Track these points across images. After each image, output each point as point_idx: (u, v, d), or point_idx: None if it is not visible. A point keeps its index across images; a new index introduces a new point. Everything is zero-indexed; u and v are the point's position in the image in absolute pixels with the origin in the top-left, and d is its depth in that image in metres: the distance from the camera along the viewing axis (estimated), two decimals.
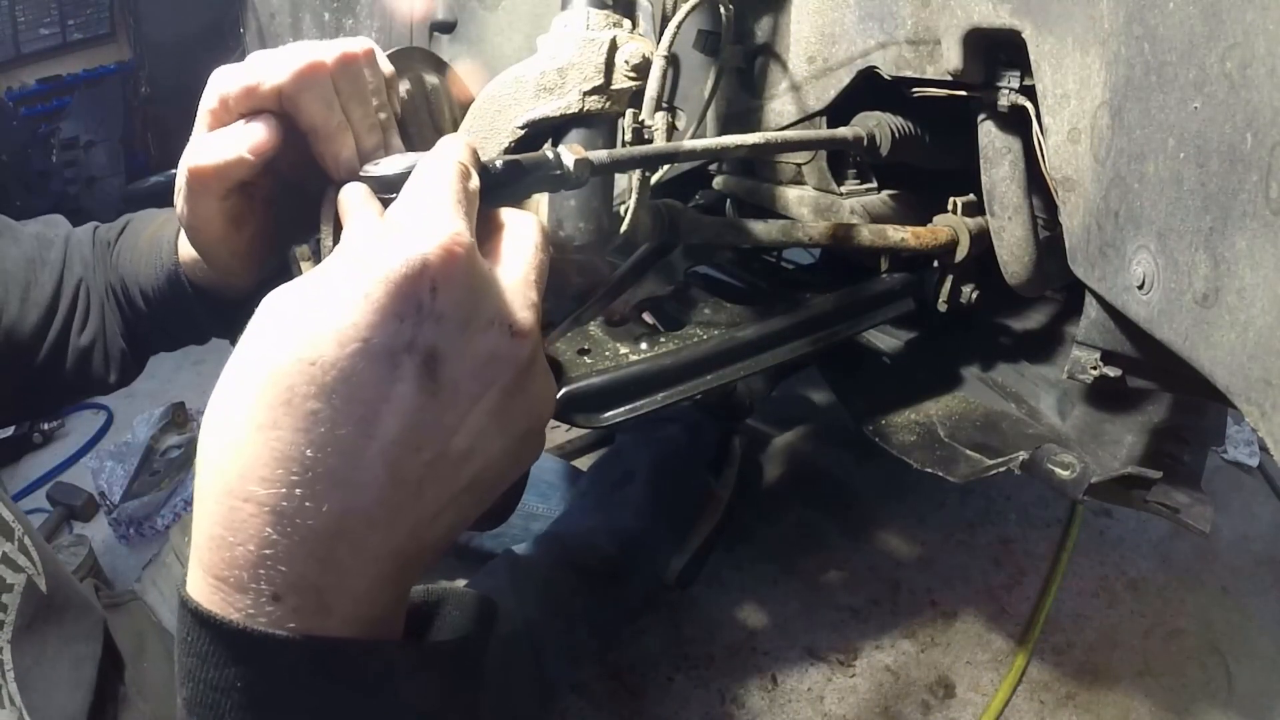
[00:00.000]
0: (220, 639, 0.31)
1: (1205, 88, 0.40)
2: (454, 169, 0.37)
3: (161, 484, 1.77)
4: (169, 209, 0.71)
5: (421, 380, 0.32)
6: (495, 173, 0.41)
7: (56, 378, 0.72)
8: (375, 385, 0.31)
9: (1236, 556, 1.46)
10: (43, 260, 0.71)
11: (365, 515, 0.31)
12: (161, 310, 0.68)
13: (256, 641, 0.31)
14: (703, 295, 0.80)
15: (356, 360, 0.30)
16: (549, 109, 0.55)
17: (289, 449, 0.30)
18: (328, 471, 0.30)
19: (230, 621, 0.31)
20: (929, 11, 0.68)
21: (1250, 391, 0.38)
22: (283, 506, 0.30)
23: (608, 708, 1.25)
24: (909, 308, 0.84)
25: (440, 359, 0.32)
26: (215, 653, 0.31)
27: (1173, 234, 0.43)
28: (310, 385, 0.30)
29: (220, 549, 0.31)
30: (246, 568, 0.30)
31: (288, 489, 0.30)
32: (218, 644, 0.31)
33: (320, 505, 0.30)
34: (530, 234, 0.40)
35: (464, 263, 0.33)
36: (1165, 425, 0.77)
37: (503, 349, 0.34)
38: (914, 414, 0.90)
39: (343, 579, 0.32)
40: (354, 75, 0.48)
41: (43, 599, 0.64)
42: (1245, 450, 1.64)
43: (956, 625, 1.36)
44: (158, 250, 0.66)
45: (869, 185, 0.86)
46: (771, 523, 1.57)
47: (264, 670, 0.31)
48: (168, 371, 2.47)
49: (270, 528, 0.30)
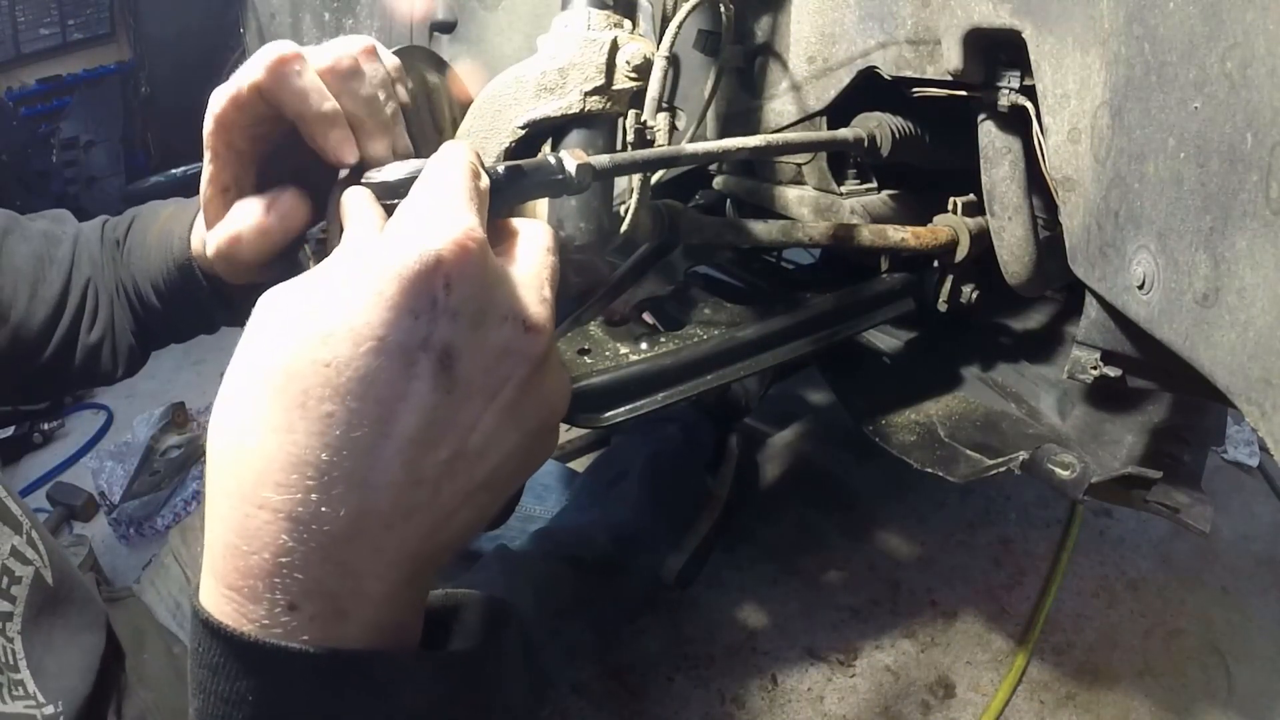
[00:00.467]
0: (233, 651, 0.30)
1: (1205, 88, 0.40)
2: (464, 167, 0.37)
3: (161, 484, 1.77)
4: (175, 200, 0.71)
5: (438, 378, 0.31)
6: (497, 178, 0.41)
7: (63, 373, 0.72)
8: (391, 384, 0.30)
9: (1237, 557, 1.46)
10: (51, 258, 0.71)
11: (383, 517, 0.31)
12: (174, 304, 0.68)
13: (270, 654, 0.30)
14: (703, 295, 0.80)
15: (372, 359, 0.30)
16: (550, 109, 0.55)
17: (304, 453, 0.29)
18: (344, 474, 0.30)
19: (243, 634, 0.30)
20: (929, 11, 0.68)
21: (1250, 391, 0.38)
22: (299, 512, 0.29)
23: (608, 708, 1.25)
24: (909, 308, 0.84)
25: (456, 355, 0.31)
26: (227, 665, 0.31)
27: (1173, 234, 0.43)
28: (325, 387, 0.29)
29: (234, 557, 0.30)
30: (261, 576, 0.30)
31: (304, 494, 0.29)
32: (230, 656, 0.30)
33: (337, 509, 0.30)
34: (542, 237, 0.40)
35: (477, 257, 0.32)
36: (1165, 425, 0.78)
37: (517, 344, 0.34)
38: (914, 414, 0.90)
39: (360, 584, 0.31)
40: (349, 71, 0.48)
41: (50, 591, 0.65)
42: (1245, 450, 1.64)
43: (957, 625, 1.36)
44: (167, 244, 0.66)
45: (869, 185, 0.86)
46: (771, 522, 1.57)
47: (276, 683, 0.31)
48: (168, 371, 2.48)
49: (286, 534, 0.29)
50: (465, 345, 0.32)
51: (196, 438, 1.90)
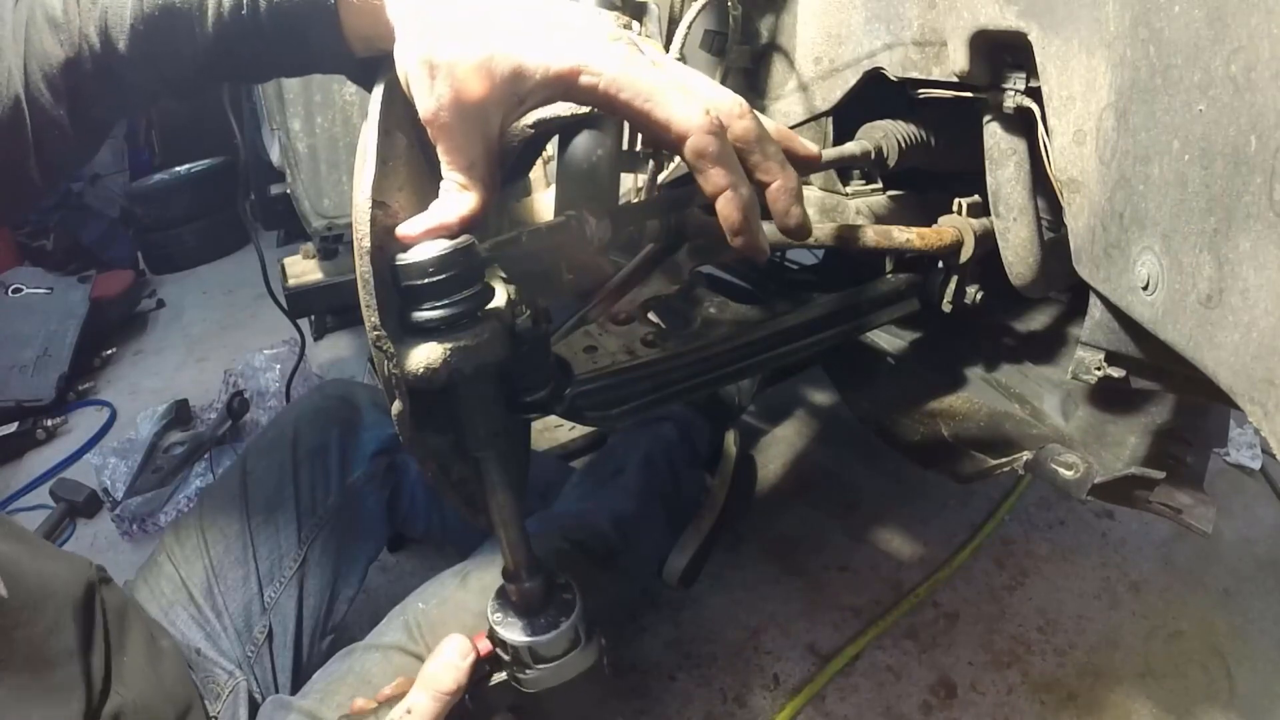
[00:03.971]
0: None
1: (1210, 91, 0.40)
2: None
3: (164, 481, 1.78)
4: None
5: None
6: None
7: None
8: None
9: (1238, 559, 1.46)
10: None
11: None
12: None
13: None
14: (708, 295, 0.80)
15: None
16: (559, 108, 0.55)
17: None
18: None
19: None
20: (935, 13, 0.68)
21: (1253, 391, 0.38)
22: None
23: (609, 706, 1.25)
24: (913, 308, 0.84)
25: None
26: None
27: (1177, 235, 0.43)
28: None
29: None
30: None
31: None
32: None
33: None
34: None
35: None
36: (1168, 426, 0.78)
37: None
38: (918, 414, 0.90)
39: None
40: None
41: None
42: (1248, 453, 1.65)
43: (958, 625, 1.36)
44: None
45: (874, 186, 0.87)
46: (774, 522, 1.57)
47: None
48: (171, 369, 2.48)
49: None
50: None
51: (199, 434, 1.90)
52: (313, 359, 2.27)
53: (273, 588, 0.98)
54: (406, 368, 0.43)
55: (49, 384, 2.25)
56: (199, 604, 0.94)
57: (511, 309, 0.48)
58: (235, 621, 0.95)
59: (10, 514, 1.86)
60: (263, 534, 1.00)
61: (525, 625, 0.56)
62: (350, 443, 1.10)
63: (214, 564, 0.96)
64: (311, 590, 1.01)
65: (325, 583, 1.03)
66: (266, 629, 0.96)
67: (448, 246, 0.44)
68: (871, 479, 1.67)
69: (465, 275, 0.45)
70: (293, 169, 1.45)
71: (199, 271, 3.30)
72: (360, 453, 1.10)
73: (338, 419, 1.10)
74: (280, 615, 0.98)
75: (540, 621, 0.56)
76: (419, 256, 0.44)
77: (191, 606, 0.94)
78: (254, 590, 0.97)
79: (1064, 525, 1.55)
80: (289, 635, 0.98)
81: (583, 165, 0.58)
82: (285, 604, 0.99)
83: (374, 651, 0.86)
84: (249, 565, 0.97)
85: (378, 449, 1.10)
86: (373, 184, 0.44)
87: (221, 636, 0.94)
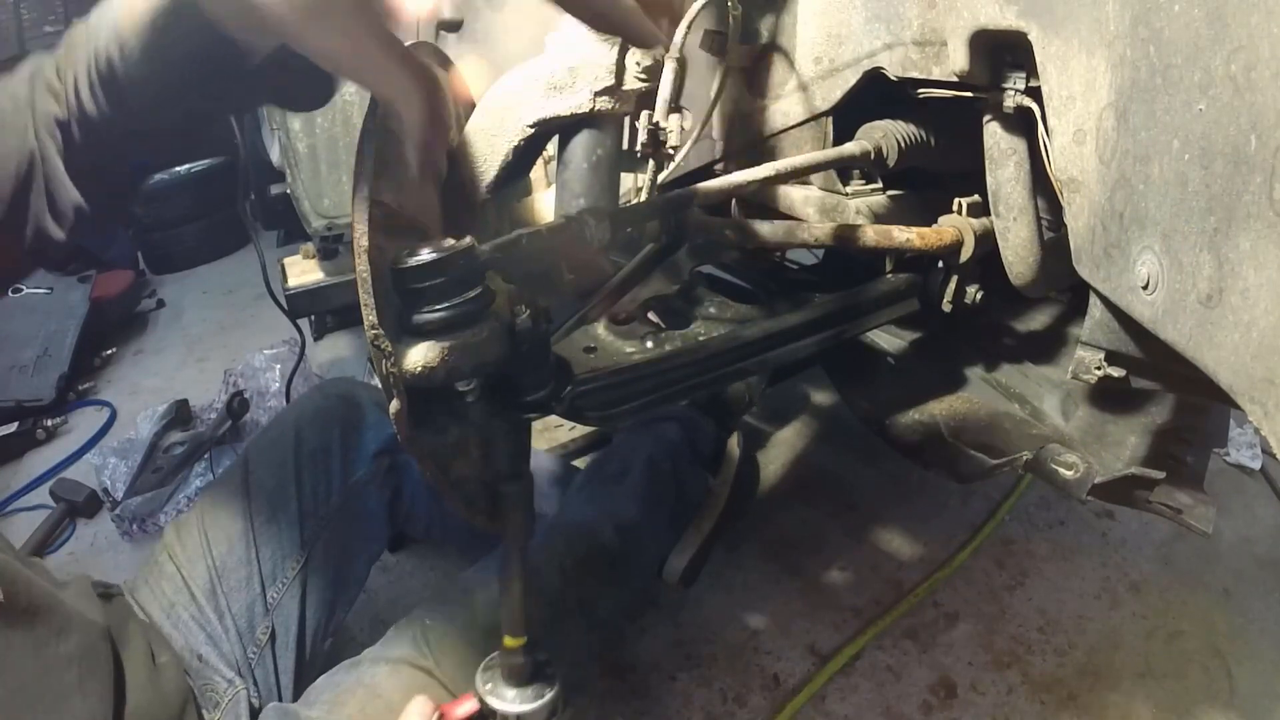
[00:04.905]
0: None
1: (1210, 90, 0.40)
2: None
3: (164, 481, 1.78)
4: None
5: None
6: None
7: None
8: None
9: (1238, 559, 1.46)
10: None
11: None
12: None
13: None
14: (708, 294, 0.80)
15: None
16: (559, 108, 0.55)
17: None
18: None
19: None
20: (935, 13, 0.68)
21: (1253, 391, 0.38)
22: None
23: (609, 706, 1.25)
24: (913, 308, 0.84)
25: None
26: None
27: (1177, 235, 0.43)
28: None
29: None
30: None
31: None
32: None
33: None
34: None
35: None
36: (1168, 426, 0.78)
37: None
38: (918, 414, 0.90)
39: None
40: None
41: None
42: (1248, 453, 1.65)
43: (958, 625, 1.36)
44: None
45: (874, 186, 0.87)
46: (775, 522, 1.57)
47: None
48: (171, 369, 2.48)
49: None
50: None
51: (199, 434, 1.90)
52: (313, 359, 2.27)
53: (275, 588, 0.98)
54: (404, 366, 0.43)
55: (49, 384, 2.25)
56: (201, 605, 0.94)
57: (511, 309, 0.48)
58: (238, 622, 0.95)
59: (10, 514, 1.86)
60: (265, 534, 0.99)
61: (514, 695, 0.64)
62: (352, 443, 1.10)
63: (217, 564, 0.96)
64: (314, 591, 1.01)
65: (327, 583, 1.03)
66: (269, 630, 0.96)
67: (447, 249, 0.44)
68: (871, 479, 1.67)
69: (465, 278, 0.45)
70: (293, 169, 1.45)
71: (199, 271, 3.30)
72: (362, 453, 1.10)
73: (339, 419, 1.10)
74: (283, 616, 0.98)
75: (527, 693, 0.64)
76: (419, 259, 0.44)
77: (194, 607, 0.94)
78: (257, 591, 0.97)
79: (1064, 525, 1.55)
80: (291, 636, 0.98)
81: (583, 165, 0.58)
82: (288, 605, 0.98)
83: (383, 664, 0.86)
84: (252, 566, 0.97)
85: (379, 449, 1.10)
86: (371, 183, 0.44)
87: (224, 638, 0.93)
